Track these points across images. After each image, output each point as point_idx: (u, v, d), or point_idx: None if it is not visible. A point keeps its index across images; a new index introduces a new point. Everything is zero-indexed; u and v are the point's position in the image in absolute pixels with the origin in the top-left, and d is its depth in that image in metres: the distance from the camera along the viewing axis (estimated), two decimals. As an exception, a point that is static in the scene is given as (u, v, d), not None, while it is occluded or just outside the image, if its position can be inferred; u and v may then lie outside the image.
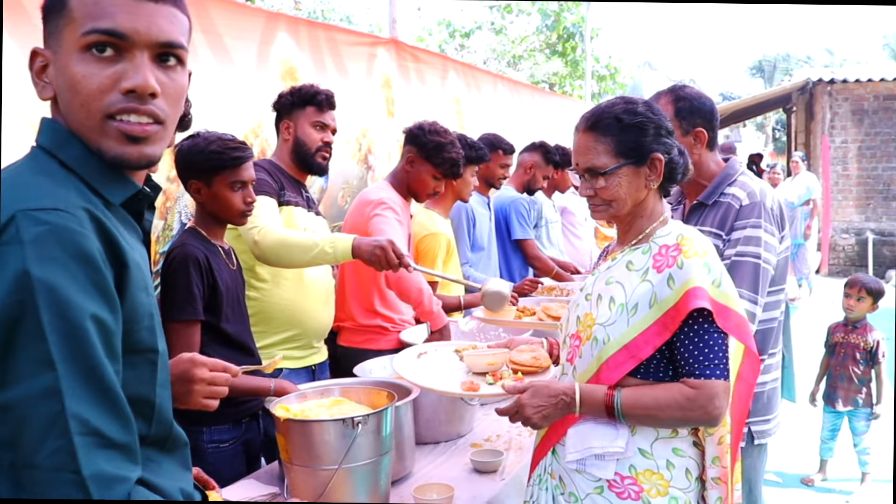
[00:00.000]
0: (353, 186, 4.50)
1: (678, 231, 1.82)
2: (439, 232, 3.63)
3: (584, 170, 1.84)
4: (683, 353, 1.72)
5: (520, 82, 8.72)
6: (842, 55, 32.02)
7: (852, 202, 12.58)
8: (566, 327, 1.96)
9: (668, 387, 1.73)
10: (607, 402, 1.73)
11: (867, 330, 4.55)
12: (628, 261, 1.83)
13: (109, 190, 1.11)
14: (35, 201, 1.00)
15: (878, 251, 12.28)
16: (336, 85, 4.29)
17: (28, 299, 0.95)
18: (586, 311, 1.85)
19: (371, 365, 2.61)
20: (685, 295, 1.70)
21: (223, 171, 2.39)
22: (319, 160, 2.96)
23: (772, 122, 29.40)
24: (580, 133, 1.85)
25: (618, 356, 1.75)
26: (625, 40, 58.76)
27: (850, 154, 12.48)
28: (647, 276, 1.77)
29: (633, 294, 1.76)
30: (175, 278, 2.31)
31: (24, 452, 0.94)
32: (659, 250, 1.79)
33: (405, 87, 5.17)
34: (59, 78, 1.10)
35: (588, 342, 1.80)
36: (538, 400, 1.78)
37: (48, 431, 0.94)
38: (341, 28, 4.98)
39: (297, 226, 2.85)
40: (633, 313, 1.75)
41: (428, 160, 3.29)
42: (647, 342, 1.72)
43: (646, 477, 1.75)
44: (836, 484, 4.64)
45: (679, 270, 1.72)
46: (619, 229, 1.93)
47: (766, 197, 2.38)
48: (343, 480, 1.88)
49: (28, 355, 0.95)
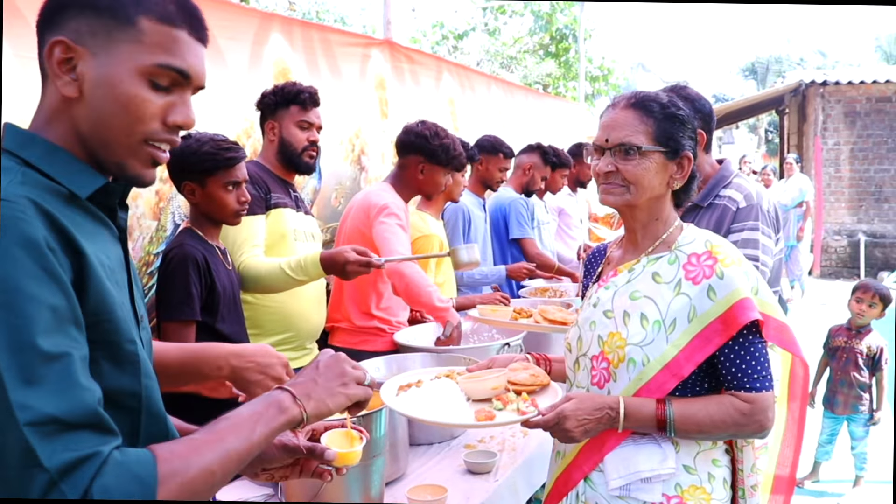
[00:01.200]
0: (346, 187, 4.48)
1: (703, 237, 1.74)
2: (432, 234, 3.64)
3: (615, 144, 1.70)
4: (730, 367, 1.65)
5: (514, 83, 8.70)
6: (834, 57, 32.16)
7: (844, 204, 12.63)
8: (581, 347, 1.81)
9: (719, 401, 1.65)
10: (659, 418, 1.64)
11: (870, 335, 4.50)
12: (653, 272, 1.72)
13: (76, 183, 1.10)
14: None
15: (870, 253, 12.33)
16: (330, 86, 4.29)
17: None
18: (611, 330, 1.72)
19: (365, 367, 2.59)
20: (734, 307, 1.62)
21: (217, 171, 2.39)
22: (306, 160, 2.96)
23: (764, 124, 29.47)
24: (620, 109, 1.73)
25: (659, 377, 1.65)
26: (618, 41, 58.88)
27: (842, 156, 12.52)
28: (681, 289, 1.67)
29: (669, 309, 1.66)
30: (173, 278, 2.31)
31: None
32: (689, 259, 1.69)
33: (399, 89, 5.16)
34: (100, 86, 1.10)
35: (623, 364, 1.68)
36: (582, 412, 1.64)
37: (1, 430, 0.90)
38: (335, 29, 4.95)
39: (287, 227, 2.85)
40: (671, 330, 1.65)
41: (439, 164, 3.33)
42: (689, 359, 1.64)
43: (690, 493, 1.68)
44: (827, 486, 4.65)
45: (720, 281, 1.64)
46: (631, 234, 1.81)
47: (763, 199, 2.37)
48: (337, 482, 1.82)
49: None
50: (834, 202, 12.66)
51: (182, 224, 3.16)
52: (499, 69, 16.03)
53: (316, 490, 1.87)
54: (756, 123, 29.72)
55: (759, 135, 31.12)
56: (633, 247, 1.81)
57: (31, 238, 0.97)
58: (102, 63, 1.09)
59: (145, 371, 1.13)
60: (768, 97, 15.71)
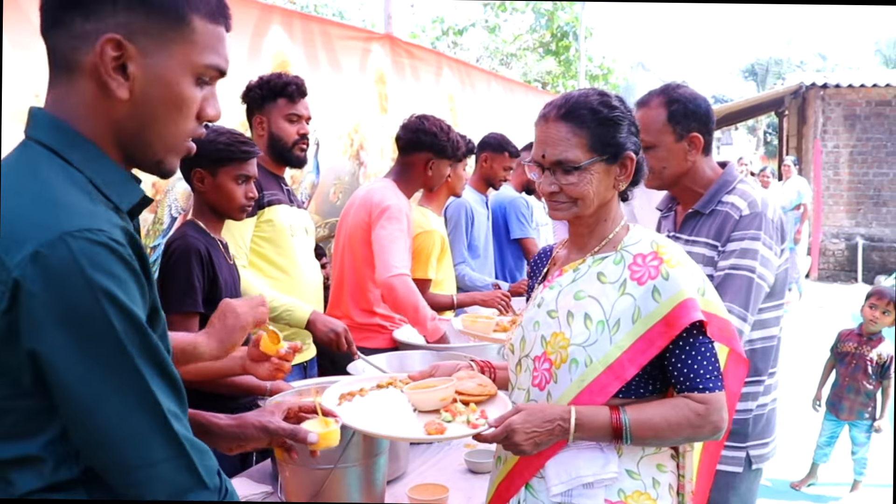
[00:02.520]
0: (344, 182, 4.45)
1: (649, 237, 1.70)
2: (433, 230, 3.61)
3: (552, 163, 1.65)
4: (681, 367, 1.61)
5: (513, 80, 8.68)
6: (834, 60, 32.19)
7: (843, 207, 12.63)
8: (523, 348, 1.75)
9: (673, 403, 1.61)
10: (615, 426, 1.58)
11: (882, 344, 4.44)
12: (598, 272, 1.68)
13: (119, 195, 1.09)
14: (78, 221, 0.97)
15: (868, 257, 12.33)
16: (329, 79, 4.25)
17: (99, 310, 0.95)
18: (554, 330, 1.68)
19: (365, 364, 2.59)
20: (678, 308, 1.59)
21: (231, 163, 2.38)
22: (297, 153, 2.92)
23: (763, 126, 29.50)
24: (550, 122, 1.66)
25: (601, 378, 1.61)
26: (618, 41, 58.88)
27: (841, 159, 12.52)
28: (625, 289, 1.63)
29: (614, 310, 1.63)
30: (175, 270, 2.29)
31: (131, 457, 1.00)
32: (634, 260, 1.65)
33: (399, 84, 5.13)
34: (152, 87, 1.07)
35: (564, 365, 1.64)
36: (531, 425, 1.58)
37: (152, 431, 1.01)
38: (336, 22, 4.93)
39: (284, 224, 2.82)
40: (615, 331, 1.61)
41: (447, 157, 3.33)
42: (632, 361, 1.60)
43: (634, 499, 1.63)
44: (824, 489, 4.63)
45: (665, 282, 1.60)
46: (577, 234, 1.76)
47: (768, 207, 2.24)
48: (338, 480, 1.86)
49: (113, 366, 0.98)
50: (832, 205, 12.66)
51: (178, 217, 3.12)
52: (498, 66, 15.99)
53: (317, 488, 1.85)
54: (755, 125, 29.76)
55: (758, 136, 31.16)
56: (579, 247, 1.77)
57: (135, 268, 1.02)
58: (155, 63, 1.06)
59: None
60: (768, 99, 15.70)
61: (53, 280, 0.93)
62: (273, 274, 2.79)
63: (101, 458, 1.01)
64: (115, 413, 0.98)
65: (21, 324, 0.93)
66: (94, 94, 1.05)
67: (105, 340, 0.96)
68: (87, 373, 0.96)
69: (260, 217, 2.77)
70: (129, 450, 1.00)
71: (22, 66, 2.32)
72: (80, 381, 0.96)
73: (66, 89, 1.07)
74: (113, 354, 0.97)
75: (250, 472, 2.28)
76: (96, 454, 1.00)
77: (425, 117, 3.36)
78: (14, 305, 0.93)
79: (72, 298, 0.94)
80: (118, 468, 1.01)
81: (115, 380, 0.97)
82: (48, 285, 0.93)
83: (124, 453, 1.00)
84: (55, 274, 0.93)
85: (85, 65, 1.04)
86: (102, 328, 0.95)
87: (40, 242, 0.93)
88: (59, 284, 0.93)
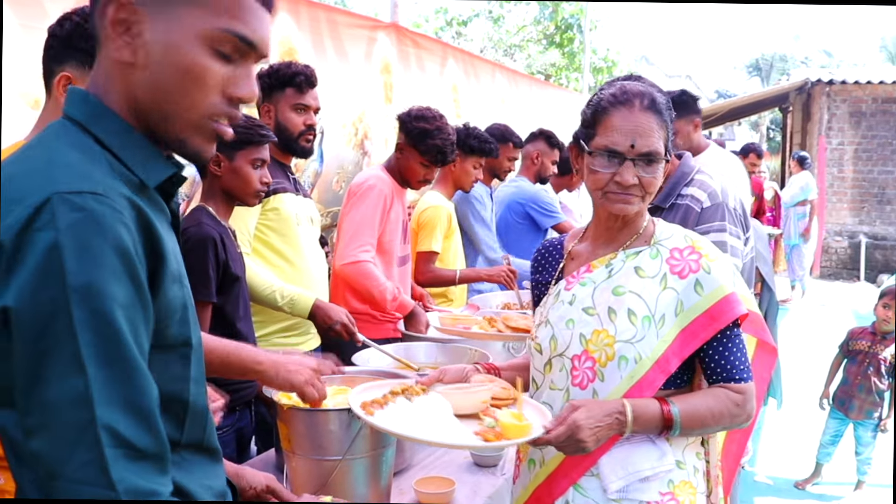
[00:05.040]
0: (348, 172, 4.42)
1: (680, 232, 1.72)
2: (441, 205, 3.62)
3: (641, 154, 1.60)
4: (719, 359, 1.63)
5: (518, 72, 8.63)
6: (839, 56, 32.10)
7: (847, 205, 12.59)
8: (555, 347, 1.71)
9: (714, 394, 1.63)
10: (666, 418, 1.58)
11: (894, 342, 4.40)
12: (634, 267, 1.67)
13: (147, 170, 1.03)
14: (72, 183, 0.90)
15: (871, 255, 12.30)
16: (335, 68, 4.22)
17: (60, 294, 0.87)
18: (595, 327, 1.65)
19: (370, 354, 2.58)
20: (722, 302, 1.61)
21: (249, 146, 2.36)
22: (303, 144, 2.89)
23: (766, 122, 29.41)
24: (637, 111, 1.61)
25: (650, 374, 1.61)
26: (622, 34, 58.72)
27: (846, 156, 12.47)
28: (667, 283, 1.64)
29: (658, 304, 1.63)
30: (190, 258, 2.25)
31: (51, 462, 0.87)
32: (671, 254, 1.66)
33: (404, 73, 5.10)
34: (160, 52, 0.99)
35: (612, 362, 1.62)
36: (594, 420, 1.54)
37: (77, 442, 0.87)
38: (342, 10, 4.90)
39: (290, 212, 2.80)
40: (660, 325, 1.62)
41: (414, 147, 3.21)
42: (676, 354, 1.62)
43: (681, 489, 1.65)
44: (828, 489, 4.61)
45: (708, 276, 1.62)
46: (609, 228, 1.72)
47: (728, 196, 2.21)
48: (346, 471, 1.85)
49: (58, 356, 0.87)
50: (836, 202, 12.61)
51: (181, 203, 3.09)
52: (502, 57, 15.92)
53: (324, 480, 1.83)
54: (758, 121, 29.67)
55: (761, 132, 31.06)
56: (606, 241, 1.74)
57: (124, 244, 0.91)
58: (162, 26, 0.99)
59: (195, 376, 1.07)
60: (773, 94, 15.64)
61: (30, 242, 0.87)
62: (277, 263, 2.76)
63: (31, 446, 0.89)
64: (46, 405, 0.87)
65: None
66: (109, 61, 1.01)
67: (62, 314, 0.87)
68: (29, 348, 0.87)
69: (265, 205, 2.74)
70: (48, 454, 0.88)
71: (30, 47, 2.29)
72: (23, 355, 0.87)
73: (97, 65, 1.04)
74: (59, 338, 0.87)
75: (252, 463, 2.25)
76: (30, 440, 0.89)
77: (420, 106, 3.33)
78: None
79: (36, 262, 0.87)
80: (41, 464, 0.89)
81: (53, 367, 0.87)
82: (22, 247, 0.87)
83: (49, 454, 0.88)
84: (32, 238, 0.87)
85: (100, 32, 1.01)
86: (61, 302, 0.87)
87: (29, 204, 0.88)
88: (32, 246, 0.87)
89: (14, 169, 0.94)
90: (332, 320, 2.63)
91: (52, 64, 1.73)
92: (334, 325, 2.62)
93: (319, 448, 1.83)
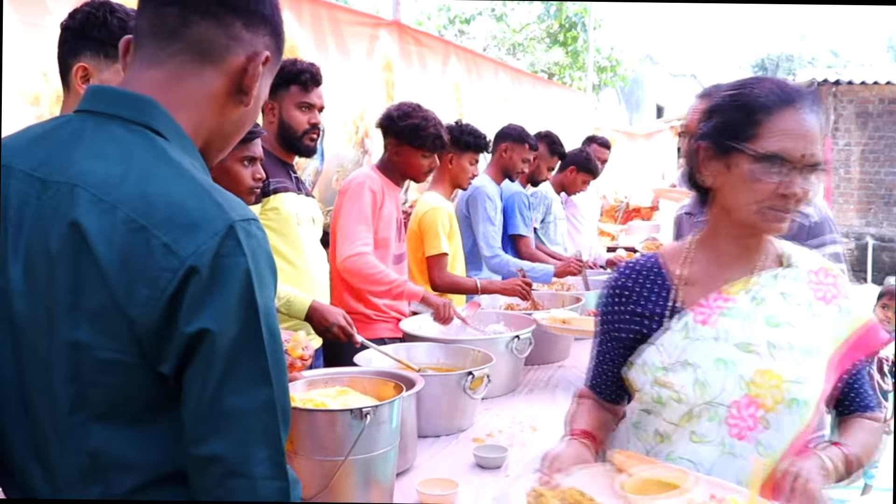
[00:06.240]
0: (348, 170, 4.38)
1: (804, 250, 1.55)
2: (440, 206, 3.60)
3: (811, 163, 1.40)
4: (858, 388, 1.52)
5: (521, 70, 8.58)
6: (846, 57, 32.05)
7: (853, 206, 12.51)
8: (704, 393, 1.45)
9: (863, 427, 1.51)
10: (849, 461, 1.42)
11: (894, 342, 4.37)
12: (780, 292, 1.47)
13: None
14: (239, 210, 1.02)
15: (878, 257, 12.23)
16: (337, 65, 4.17)
17: (254, 316, 0.98)
18: (758, 367, 1.43)
19: (372, 354, 2.55)
20: (869, 331, 1.50)
21: (237, 145, 2.31)
22: (307, 143, 2.85)
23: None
24: (804, 114, 1.40)
25: (815, 415, 1.44)
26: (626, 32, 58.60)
27: (852, 157, 12.39)
28: (814, 310, 1.47)
29: (814, 335, 1.45)
30: None
31: (234, 462, 0.98)
32: (809, 276, 1.49)
33: (406, 71, 5.06)
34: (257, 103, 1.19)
35: (781, 405, 1.42)
36: (815, 472, 1.37)
37: (260, 443, 0.99)
38: (344, 7, 4.85)
39: (290, 211, 2.76)
40: (818, 359, 1.45)
41: (410, 144, 3.19)
42: (825, 389, 1.47)
43: None
44: (834, 493, 4.54)
45: (849, 301, 1.49)
46: (745, 247, 1.51)
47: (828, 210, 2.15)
48: (349, 473, 1.86)
49: (251, 371, 0.99)
50: (843, 204, 12.54)
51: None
52: (505, 55, 15.88)
53: (327, 480, 1.84)
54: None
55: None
56: (731, 262, 1.52)
57: (274, 265, 1.08)
58: (265, 84, 1.17)
59: None
60: (778, 94, 15.57)
61: (225, 268, 0.97)
62: (278, 263, 2.70)
63: (206, 450, 0.98)
64: (243, 410, 0.99)
65: (183, 306, 0.95)
66: (224, 91, 1.12)
67: (254, 333, 0.99)
68: (220, 364, 0.97)
69: (265, 205, 2.70)
70: (239, 453, 0.99)
71: (31, 44, 2.25)
72: (209, 371, 0.96)
73: (187, 74, 1.09)
74: (253, 355, 0.99)
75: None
76: (205, 445, 0.98)
77: (393, 106, 3.35)
78: (184, 290, 0.95)
79: (236, 287, 0.97)
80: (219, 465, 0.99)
81: (245, 380, 0.99)
82: (219, 272, 0.96)
83: (232, 455, 0.98)
84: (226, 263, 0.97)
85: (231, 64, 1.11)
86: (254, 323, 0.99)
87: (214, 231, 0.97)
88: (228, 272, 0.97)
89: (156, 189, 1.00)
90: (329, 322, 2.59)
91: (68, 57, 1.75)
92: (331, 326, 2.58)
93: (321, 448, 1.85)
